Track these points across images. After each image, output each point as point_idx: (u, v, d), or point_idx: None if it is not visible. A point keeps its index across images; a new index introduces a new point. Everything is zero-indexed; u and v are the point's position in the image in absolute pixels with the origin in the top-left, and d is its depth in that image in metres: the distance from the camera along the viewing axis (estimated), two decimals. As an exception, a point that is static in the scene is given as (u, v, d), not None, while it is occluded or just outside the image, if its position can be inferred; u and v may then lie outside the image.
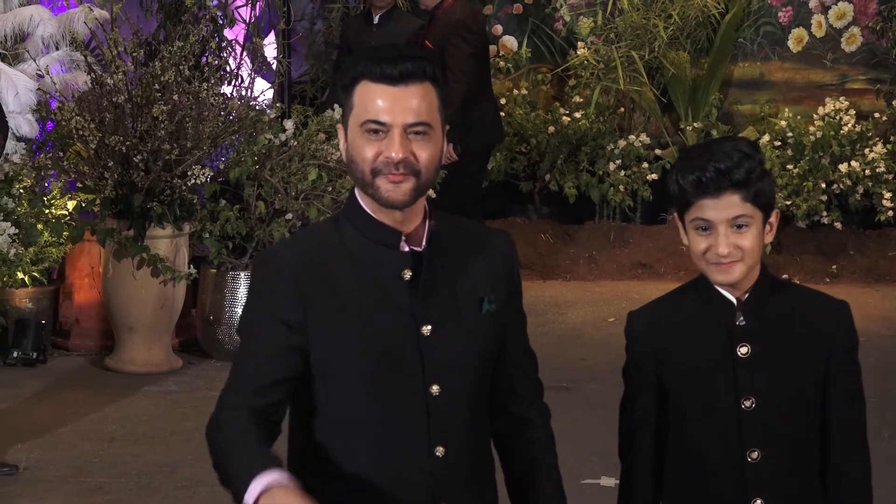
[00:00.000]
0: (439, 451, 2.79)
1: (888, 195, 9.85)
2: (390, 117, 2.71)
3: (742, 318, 2.98)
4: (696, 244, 2.93)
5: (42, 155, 7.39)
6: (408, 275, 2.79)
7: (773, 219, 2.96)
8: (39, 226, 7.37)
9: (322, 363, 2.78)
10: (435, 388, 2.78)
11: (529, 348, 2.99)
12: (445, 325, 2.80)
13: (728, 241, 2.88)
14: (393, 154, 2.71)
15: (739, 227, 2.90)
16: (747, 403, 2.95)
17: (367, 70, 2.73)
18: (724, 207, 2.87)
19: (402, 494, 2.78)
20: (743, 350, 2.97)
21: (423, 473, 2.79)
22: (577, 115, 10.25)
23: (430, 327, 2.78)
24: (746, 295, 2.98)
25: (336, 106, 7.63)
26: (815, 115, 10.18)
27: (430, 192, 7.52)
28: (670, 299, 3.10)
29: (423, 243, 2.82)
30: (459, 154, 8.39)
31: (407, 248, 2.80)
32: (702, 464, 3.00)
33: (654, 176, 9.95)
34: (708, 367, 2.99)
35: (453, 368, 2.80)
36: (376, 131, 2.72)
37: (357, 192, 2.82)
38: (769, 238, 2.97)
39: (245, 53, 7.94)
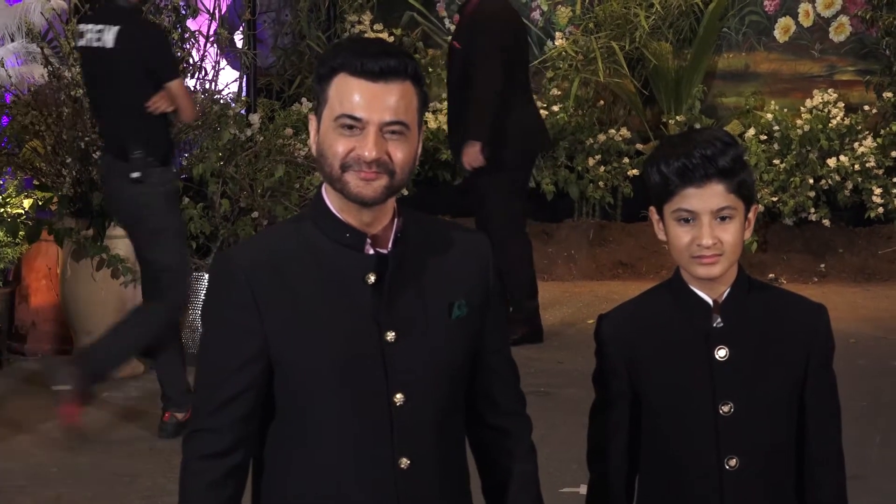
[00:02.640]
0: (404, 462, 2.73)
1: (878, 191, 9.85)
2: (367, 114, 2.67)
3: (720, 319, 2.92)
4: (678, 237, 2.86)
5: (-4, 151, 7.43)
6: (372, 278, 2.73)
7: (752, 214, 2.91)
8: (-6, 225, 7.37)
9: (282, 370, 2.73)
10: (399, 397, 2.72)
11: (509, 356, 2.94)
12: (411, 331, 2.74)
13: (712, 232, 2.83)
14: (366, 153, 2.66)
15: (723, 219, 2.85)
16: (725, 409, 2.89)
17: (346, 62, 2.69)
18: (708, 197, 2.83)
19: None
20: (721, 353, 2.91)
21: (387, 485, 2.73)
22: (556, 108, 10.30)
23: (394, 334, 2.73)
24: (723, 295, 2.92)
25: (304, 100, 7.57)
26: (802, 108, 10.18)
27: (403, 191, 7.49)
28: (642, 301, 3.03)
29: (390, 245, 2.76)
30: (487, 159, 7.61)
31: (372, 251, 2.74)
32: (677, 472, 2.94)
33: (636, 171, 10.01)
34: (684, 372, 2.92)
35: (419, 377, 2.75)
36: (351, 126, 2.68)
37: (324, 190, 2.77)
38: (747, 235, 2.93)
39: (208, 45, 7.82)
